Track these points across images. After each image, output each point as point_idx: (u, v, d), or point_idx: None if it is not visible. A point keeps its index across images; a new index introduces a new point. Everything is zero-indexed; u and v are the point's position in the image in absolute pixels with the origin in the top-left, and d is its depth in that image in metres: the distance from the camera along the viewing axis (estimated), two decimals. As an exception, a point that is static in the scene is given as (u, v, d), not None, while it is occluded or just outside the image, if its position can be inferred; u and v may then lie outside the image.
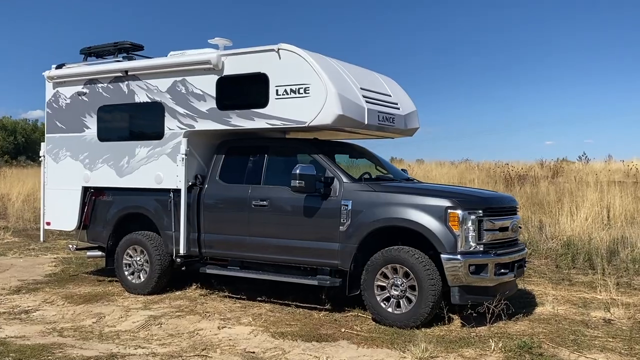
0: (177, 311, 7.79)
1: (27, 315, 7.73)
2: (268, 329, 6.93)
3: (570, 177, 28.57)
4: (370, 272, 7.04)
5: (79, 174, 9.32)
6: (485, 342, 6.35)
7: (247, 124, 7.84)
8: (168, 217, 8.49)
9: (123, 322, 7.39)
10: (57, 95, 9.59)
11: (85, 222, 9.35)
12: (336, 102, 7.24)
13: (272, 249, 7.73)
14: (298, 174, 7.19)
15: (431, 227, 6.70)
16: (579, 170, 32.03)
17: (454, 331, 6.79)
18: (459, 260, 6.59)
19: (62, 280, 9.93)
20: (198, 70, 8.19)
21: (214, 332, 6.89)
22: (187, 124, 8.32)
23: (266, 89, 7.64)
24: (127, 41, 9.09)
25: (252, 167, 8.08)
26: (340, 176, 7.39)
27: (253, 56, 7.81)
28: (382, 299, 6.99)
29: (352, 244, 7.14)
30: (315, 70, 7.32)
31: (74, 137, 9.40)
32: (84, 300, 8.46)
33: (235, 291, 8.68)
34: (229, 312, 7.76)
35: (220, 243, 8.16)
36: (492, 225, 6.90)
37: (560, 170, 30.29)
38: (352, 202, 7.18)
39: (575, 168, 32.39)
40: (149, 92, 8.65)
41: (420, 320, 6.73)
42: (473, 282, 6.68)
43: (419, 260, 6.74)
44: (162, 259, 8.65)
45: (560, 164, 32.87)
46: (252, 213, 7.85)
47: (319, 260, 7.43)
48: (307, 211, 7.45)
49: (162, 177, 8.50)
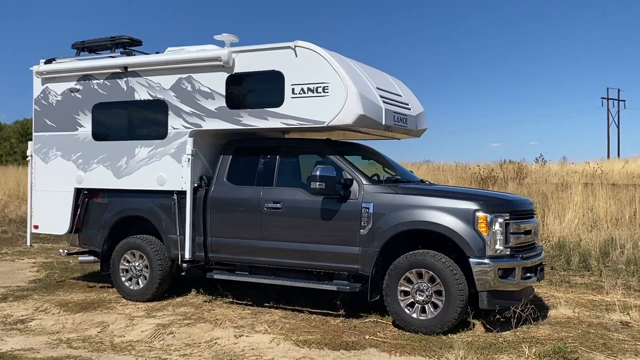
0: (184, 319, 7.44)
1: (25, 326, 7.25)
2: (288, 337, 6.66)
3: (534, 178, 29.11)
4: (393, 277, 6.84)
5: (71, 174, 8.82)
6: (516, 347, 6.24)
7: (260, 123, 7.54)
8: (171, 221, 8.11)
9: (131, 331, 7.00)
10: (47, 91, 9.07)
11: (77, 226, 8.87)
12: (357, 101, 7.02)
13: (286, 253, 7.45)
14: (318, 175, 6.94)
15: (459, 230, 6.55)
16: (537, 171, 32.71)
17: (481, 337, 6.66)
18: (488, 264, 6.46)
19: (49, 286, 9.41)
20: (206, 67, 7.84)
21: (233, 341, 6.58)
22: (193, 123, 7.96)
23: (281, 88, 7.36)
24: (125, 35, 8.65)
25: (263, 168, 7.78)
26: (359, 178, 7.17)
27: (267, 53, 7.51)
28: (406, 304, 6.80)
29: (374, 248, 6.93)
30: (334, 68, 7.08)
31: (66, 135, 8.90)
32: (81, 308, 8.01)
33: (240, 297, 8.38)
34: (240, 319, 7.45)
35: (228, 247, 7.83)
36: (518, 228, 6.79)
37: (522, 172, 30.74)
38: (373, 205, 6.97)
39: (534, 169, 33.01)
40: (151, 90, 8.25)
41: (447, 326, 6.57)
42: (501, 287, 6.56)
43: (446, 264, 6.58)
44: (163, 264, 8.27)
45: (521, 165, 33.36)
46: (264, 216, 7.56)
47: (337, 264, 7.19)
48: (325, 214, 7.20)
49: (165, 179, 8.11)
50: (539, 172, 32.39)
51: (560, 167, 36.61)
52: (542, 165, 37.44)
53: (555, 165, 37.41)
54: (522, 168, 31.65)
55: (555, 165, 37.41)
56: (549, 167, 36.45)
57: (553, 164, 38.22)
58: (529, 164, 36.26)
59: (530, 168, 33.78)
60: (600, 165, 26.40)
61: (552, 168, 35.54)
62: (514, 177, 27.63)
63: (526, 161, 33.74)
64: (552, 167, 36.44)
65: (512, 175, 28.11)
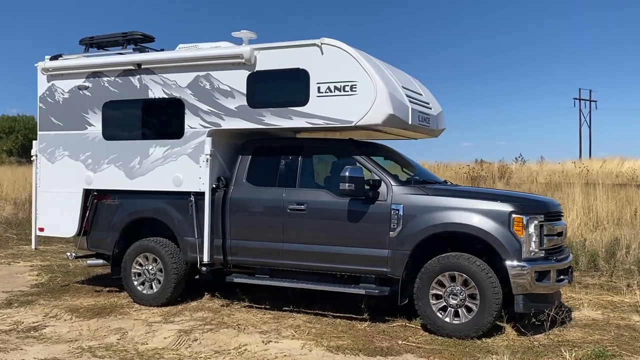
0: (204, 324, 7.20)
1: (39, 333, 6.93)
2: (319, 342, 6.47)
3: (519, 178, 29.30)
4: (425, 280, 6.69)
5: (79, 175, 8.51)
6: (554, 351, 6.15)
7: (284, 122, 7.33)
8: (188, 223, 7.86)
9: (152, 338, 6.74)
10: (53, 89, 8.74)
11: (85, 228, 8.56)
12: (386, 100, 6.86)
13: (311, 256, 7.26)
14: (348, 176, 6.76)
15: (495, 232, 6.42)
16: (517, 170, 32.92)
17: (516, 340, 6.54)
18: (525, 267, 6.34)
19: (54, 291, 9.08)
20: (226, 64, 7.60)
21: (262, 347, 6.37)
22: (211, 122, 7.71)
23: (306, 86, 7.16)
24: (137, 31, 8.36)
25: (285, 168, 7.57)
26: (387, 179, 7.01)
27: (291, 51, 7.30)
28: (438, 308, 6.66)
29: (404, 251, 6.77)
30: (363, 66, 6.91)
31: (74, 135, 8.58)
32: (93, 313, 7.72)
33: (257, 300, 8.16)
34: (263, 324, 7.24)
35: (249, 250, 7.61)
36: (551, 230, 6.70)
37: (506, 171, 30.90)
38: (403, 206, 6.81)
39: (514, 169, 33.20)
40: (166, 88, 7.98)
41: (482, 330, 6.44)
42: (536, 290, 6.45)
43: (481, 267, 6.45)
44: (179, 268, 8.01)
45: (504, 165, 33.51)
46: (287, 218, 7.35)
47: (364, 267, 7.02)
48: (352, 216, 7.02)
49: (182, 179, 7.86)
50: (519, 171, 32.62)
51: (539, 167, 36.95)
52: (522, 165, 37.68)
53: (534, 165, 37.71)
54: (505, 168, 31.83)
55: (534, 165, 37.71)
56: (528, 166, 36.70)
57: (532, 163, 38.52)
58: (509, 163, 36.43)
59: (510, 168, 33.97)
60: (585, 165, 26.64)
61: (532, 167, 35.82)
62: (499, 176, 27.79)
63: (505, 160, 33.84)
64: (532, 166, 36.71)
65: (498, 175, 28.27)
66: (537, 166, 37.41)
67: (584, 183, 21.91)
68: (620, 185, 17.74)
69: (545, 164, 38.80)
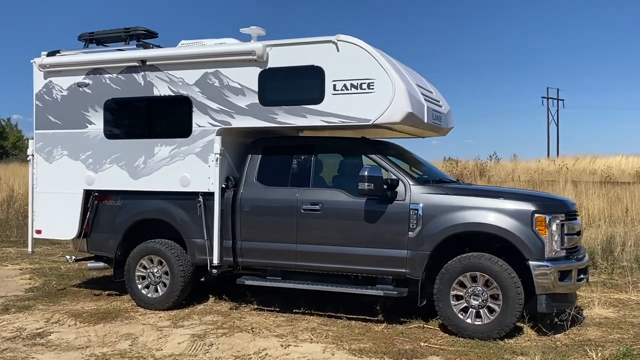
0: (216, 328, 7.01)
1: (46, 340, 6.65)
2: (340, 345, 6.33)
3: (499, 176, 29.54)
4: (445, 281, 6.60)
5: (79, 175, 8.22)
6: (579, 351, 6.13)
7: (298, 121, 7.17)
8: (196, 224, 7.64)
9: (166, 343, 6.52)
10: (50, 86, 8.42)
11: (85, 230, 8.27)
12: (405, 98, 6.74)
13: (326, 257, 7.11)
14: (367, 175, 6.63)
15: (518, 232, 6.36)
16: (492, 168, 33.21)
17: (538, 341, 6.48)
18: (548, 266, 6.29)
19: (51, 295, 8.77)
20: (236, 61, 7.40)
21: (282, 351, 6.20)
22: (221, 120, 7.51)
23: (321, 84, 7.01)
24: (140, 27, 8.10)
25: (297, 168, 7.40)
26: (405, 178, 6.90)
27: (305, 47, 7.13)
28: (459, 309, 6.57)
29: (424, 251, 6.67)
30: (381, 64, 6.78)
31: (73, 133, 8.29)
32: (97, 318, 7.46)
33: (265, 303, 7.98)
34: (276, 327, 7.08)
35: (261, 251, 7.43)
36: (572, 229, 6.66)
37: (485, 170, 31.13)
38: (423, 206, 6.70)
39: (489, 167, 33.47)
40: (172, 85, 7.75)
41: (505, 331, 6.38)
42: (559, 289, 6.40)
43: (504, 268, 6.38)
44: (185, 270, 7.79)
45: (482, 163, 33.74)
46: (301, 218, 7.19)
47: (382, 268, 6.91)
48: (370, 216, 6.90)
49: (190, 179, 7.64)
50: (495, 169, 32.89)
51: (514, 165, 37.30)
52: (496, 163, 38.00)
53: (508, 163, 38.06)
54: (483, 166, 32.07)
55: (508, 163, 38.06)
56: (503, 164, 37.00)
57: (505, 161, 38.86)
58: (484, 161, 36.71)
59: (485, 165, 34.22)
60: (565, 163, 26.97)
61: (507, 166, 36.13)
62: (479, 174, 27.98)
63: (480, 159, 34.06)
64: (507, 164, 37.03)
65: (477, 173, 28.45)
66: (512, 164, 37.75)
67: (567, 181, 22.25)
68: (611, 183, 17.96)
69: (519, 161, 39.23)
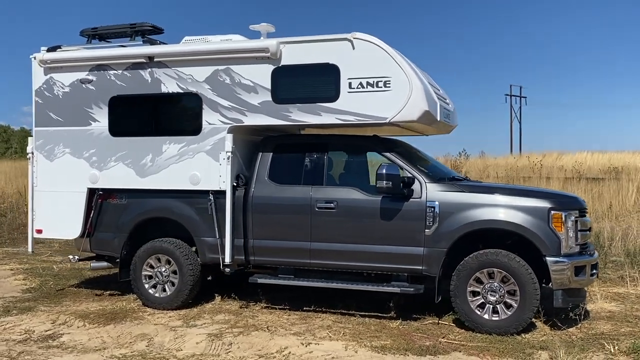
0: (230, 327, 6.96)
1: (59, 342, 6.52)
2: (360, 343, 6.36)
3: (473, 173, 29.88)
4: (462, 277, 6.67)
5: (83, 173, 8.05)
6: (595, 344, 6.26)
7: (312, 119, 7.15)
8: (207, 223, 7.56)
9: (183, 343, 6.45)
10: (51, 82, 8.23)
11: (88, 229, 8.12)
12: (422, 97, 6.79)
13: (341, 254, 7.12)
14: (385, 173, 6.66)
15: (535, 229, 6.46)
16: (461, 164, 33.59)
17: (554, 335, 6.60)
18: (565, 262, 6.42)
19: (50, 296, 8.59)
20: (248, 58, 7.34)
21: (304, 349, 6.19)
22: (232, 118, 7.44)
23: (336, 82, 7.00)
24: (146, 23, 7.96)
25: (310, 166, 7.38)
26: (420, 176, 6.95)
27: (320, 45, 7.11)
28: (476, 305, 6.65)
29: (441, 248, 6.74)
30: (397, 62, 6.81)
31: (76, 131, 8.11)
32: (106, 319, 7.34)
33: (273, 301, 7.97)
34: (291, 325, 7.07)
35: (273, 250, 7.40)
36: (585, 225, 6.81)
37: (459, 166, 31.41)
38: (439, 204, 6.76)
39: (459, 163, 33.84)
40: (181, 82, 7.64)
41: (522, 326, 6.49)
42: (575, 284, 6.54)
43: (521, 264, 6.48)
44: (195, 270, 7.71)
45: (456, 160, 34.02)
46: (315, 216, 7.18)
47: (398, 265, 6.95)
48: (385, 214, 6.93)
49: (200, 177, 7.56)
50: (465, 166, 33.24)
51: (482, 162, 37.79)
52: (466, 159, 38.44)
53: (477, 160, 38.53)
54: (457, 162, 32.36)
55: (477, 160, 38.53)
56: (472, 161, 37.41)
57: (474, 158, 39.32)
58: (454, 157, 37.02)
59: (456, 162, 34.52)
60: (540, 160, 27.46)
61: (476, 162, 36.57)
62: (456, 171, 28.22)
63: (451, 155, 34.36)
64: (475, 161, 37.48)
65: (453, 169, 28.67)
66: (481, 161, 38.23)
67: (541, 177, 22.65)
68: (585, 179, 18.35)
69: (487, 158, 39.74)
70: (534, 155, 42.89)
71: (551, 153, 42.99)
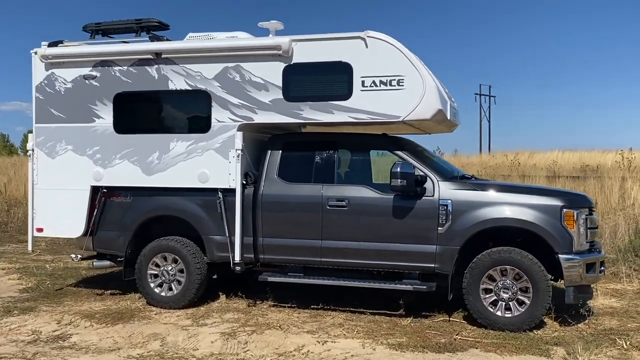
0: (242, 326, 6.93)
1: (70, 343, 6.41)
2: (376, 340, 6.38)
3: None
4: (475, 275, 6.75)
5: (86, 171, 7.92)
6: (606, 340, 6.39)
7: (324, 117, 7.14)
8: (215, 221, 7.51)
9: (198, 342, 6.39)
10: (52, 78, 8.07)
11: (91, 228, 7.99)
12: (435, 95, 6.84)
13: (353, 252, 7.13)
14: (400, 172, 6.70)
15: (548, 227, 6.56)
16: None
17: (565, 331, 6.71)
18: (577, 259, 6.53)
19: (50, 295, 8.43)
20: (259, 56, 7.30)
21: (322, 347, 6.19)
22: (242, 115, 7.39)
23: (349, 80, 7.01)
24: (153, 18, 7.86)
25: (320, 164, 7.37)
26: (433, 174, 7.00)
27: (332, 43, 7.11)
28: (488, 302, 6.73)
29: (454, 246, 6.80)
30: (411, 61, 6.85)
31: (79, 127, 7.97)
32: (113, 319, 7.24)
33: (279, 299, 7.95)
34: (303, 323, 7.06)
35: (284, 248, 7.37)
36: (593, 223, 6.93)
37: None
38: (452, 202, 6.82)
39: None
40: (189, 79, 7.57)
41: (535, 322, 6.59)
42: (586, 281, 6.66)
43: (534, 261, 6.57)
44: (202, 268, 7.65)
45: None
46: (326, 214, 7.18)
47: (410, 263, 6.99)
48: (398, 212, 6.96)
49: (209, 175, 7.49)
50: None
51: (456, 159, 38.15)
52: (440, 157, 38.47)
53: (451, 158, 38.88)
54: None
55: (451, 158, 38.88)
56: (447, 159, 37.65)
57: (448, 156, 39.67)
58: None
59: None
60: (520, 158, 27.83)
61: (450, 160, 36.86)
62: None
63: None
64: (449, 159, 37.78)
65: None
66: (455, 159, 38.58)
67: (519, 176, 22.92)
68: (565, 177, 18.68)
69: (460, 156, 40.10)
70: (507, 153, 43.51)
71: (523, 152, 43.57)
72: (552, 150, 42.97)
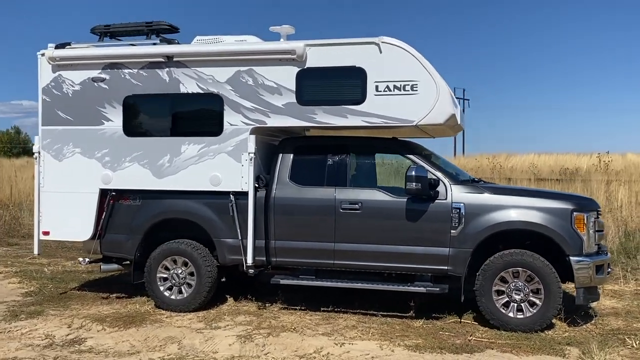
0: (256, 328, 6.97)
1: (87, 347, 6.38)
2: (394, 342, 6.47)
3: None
4: (488, 277, 6.87)
5: (94, 174, 7.87)
6: (615, 340, 6.56)
7: (338, 121, 7.21)
8: (227, 224, 7.53)
9: (216, 345, 6.42)
10: (60, 80, 8.01)
11: (99, 231, 7.95)
12: (449, 100, 6.96)
13: (366, 255, 7.21)
14: (415, 175, 6.79)
15: (560, 230, 6.71)
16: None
17: (575, 332, 6.87)
18: (587, 262, 6.69)
19: (55, 299, 8.36)
20: (273, 60, 7.34)
21: (341, 350, 6.26)
22: (255, 119, 7.43)
23: (363, 84, 7.09)
24: (163, 21, 7.85)
25: (333, 167, 7.44)
26: (445, 177, 7.11)
27: (347, 48, 7.18)
28: (501, 304, 6.86)
29: (467, 249, 6.92)
30: (424, 66, 6.95)
31: (87, 130, 7.92)
32: (124, 322, 7.21)
33: (288, 301, 7.99)
34: (316, 325, 7.12)
35: (296, 251, 7.42)
36: (600, 226, 7.11)
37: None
38: (464, 205, 6.94)
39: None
40: (201, 82, 7.58)
41: (546, 323, 6.74)
42: (595, 283, 6.82)
43: (545, 264, 6.72)
44: (212, 271, 7.67)
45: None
46: (340, 217, 7.25)
47: (423, 266, 7.09)
48: (411, 215, 7.06)
49: (221, 179, 7.51)
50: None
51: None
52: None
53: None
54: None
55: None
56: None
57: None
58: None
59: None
60: (498, 161, 28.20)
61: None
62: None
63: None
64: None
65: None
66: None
67: (501, 179, 23.23)
68: (549, 180, 19.01)
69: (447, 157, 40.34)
70: (486, 156, 43.94)
71: (500, 154, 44.08)
72: (529, 153, 43.61)
